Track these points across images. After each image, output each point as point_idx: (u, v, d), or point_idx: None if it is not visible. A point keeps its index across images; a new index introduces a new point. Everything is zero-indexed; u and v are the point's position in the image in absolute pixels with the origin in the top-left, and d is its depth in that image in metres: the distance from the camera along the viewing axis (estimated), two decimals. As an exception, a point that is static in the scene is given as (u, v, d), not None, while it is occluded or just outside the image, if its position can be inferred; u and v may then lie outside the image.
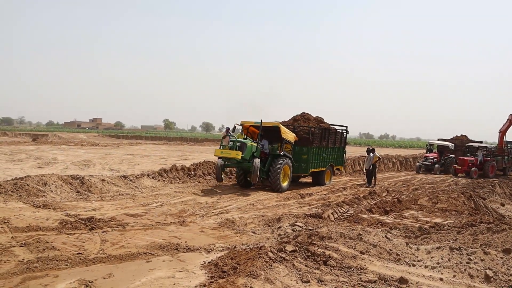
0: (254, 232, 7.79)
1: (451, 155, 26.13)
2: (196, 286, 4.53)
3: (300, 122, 17.87)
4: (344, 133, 19.50)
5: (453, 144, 27.13)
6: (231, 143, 14.43)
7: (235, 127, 15.59)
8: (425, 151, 29.52)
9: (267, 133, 15.76)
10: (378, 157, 18.56)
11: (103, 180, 12.67)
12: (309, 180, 18.30)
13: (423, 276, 4.65)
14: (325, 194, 14.34)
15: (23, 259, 5.59)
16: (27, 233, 6.97)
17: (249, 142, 14.60)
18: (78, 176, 12.55)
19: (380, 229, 7.76)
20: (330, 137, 17.95)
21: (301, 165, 16.49)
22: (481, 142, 27.86)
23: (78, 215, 8.63)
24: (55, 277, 4.94)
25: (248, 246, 6.18)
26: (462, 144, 28.09)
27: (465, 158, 24.23)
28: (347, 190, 15.71)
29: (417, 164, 26.54)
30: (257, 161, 13.84)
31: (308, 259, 4.89)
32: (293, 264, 4.65)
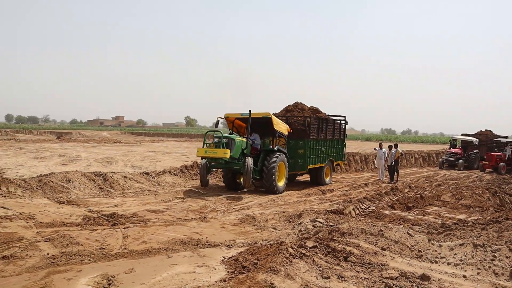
0: (274, 228, 7.78)
1: (475, 151, 25.52)
2: (216, 282, 4.55)
3: (294, 113, 15.87)
4: (343, 124, 17.65)
5: (477, 139, 26.47)
6: (216, 139, 12.49)
7: (218, 121, 13.41)
8: (448, 146, 28.93)
9: (256, 125, 13.84)
10: (401, 152, 18.29)
11: (125, 177, 12.85)
12: (306, 178, 16.94)
13: (446, 273, 4.55)
14: (346, 190, 14.21)
15: (47, 254, 5.71)
16: (51, 229, 7.12)
17: (237, 137, 12.76)
18: (100, 173, 12.76)
19: (402, 226, 7.64)
20: (328, 129, 16.09)
21: (298, 162, 14.68)
22: (506, 137, 27.16)
23: (101, 211, 8.77)
24: (78, 271, 5.03)
25: (269, 242, 6.18)
26: (486, 139, 27.43)
27: (492, 153, 23.66)
28: (368, 186, 15.52)
29: (440, 159, 26.02)
30: (249, 160, 11.89)
31: (328, 255, 4.85)
32: (314, 260, 4.62)
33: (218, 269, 5.08)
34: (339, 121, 17.27)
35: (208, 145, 12.55)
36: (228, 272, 4.86)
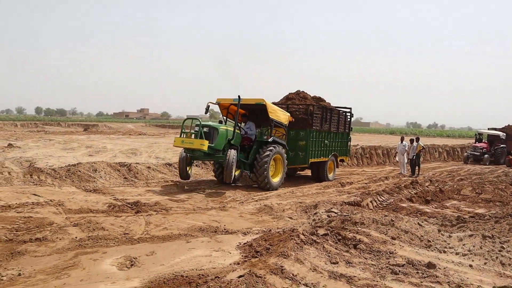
0: (290, 218, 8.02)
1: (502, 145, 25.00)
2: (230, 264, 4.83)
3: (295, 101, 14.61)
4: (348, 116, 16.34)
5: (504, 134, 25.90)
6: (196, 128, 11.05)
7: (208, 106, 11.82)
8: (473, 140, 28.45)
9: (253, 113, 12.74)
10: (422, 146, 18.19)
11: (148, 167, 13.28)
12: (308, 173, 15.79)
13: (452, 262, 4.70)
14: (366, 183, 14.28)
15: (75, 237, 6.10)
16: (79, 215, 7.54)
17: (222, 126, 11.28)
18: (125, 164, 13.23)
19: (417, 218, 7.76)
20: (333, 120, 14.79)
21: (298, 154, 13.43)
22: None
23: (125, 199, 9.17)
24: (103, 253, 5.40)
25: (282, 229, 6.41)
26: (514, 133, 26.81)
27: (520, 148, 23.17)
28: (389, 179, 15.53)
29: (465, 154, 25.64)
30: (231, 153, 10.59)
31: (338, 243, 5.06)
32: (324, 247, 4.84)
33: (233, 253, 5.37)
34: (344, 113, 16.04)
35: (185, 134, 11.16)
36: (242, 256, 5.14)
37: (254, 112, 12.53)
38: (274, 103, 13.70)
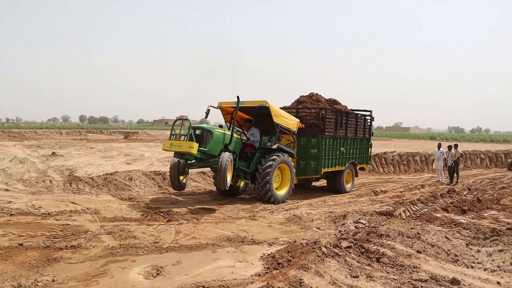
0: (318, 228, 8.01)
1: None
2: (251, 275, 4.92)
3: (307, 105, 13.46)
4: (368, 120, 14.93)
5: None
6: (191, 130, 9.70)
7: (209, 110, 10.91)
8: (519, 146, 27.25)
9: (261, 120, 11.66)
10: (461, 153, 17.64)
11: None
12: (323, 183, 14.77)
13: (479, 278, 4.58)
14: (400, 192, 14.01)
15: (108, 245, 6.37)
16: (113, 223, 7.85)
17: (218, 129, 10.11)
18: (160, 172, 13.61)
19: (449, 229, 7.56)
20: (349, 125, 13.56)
21: (310, 163, 12.26)
22: None
23: (158, 208, 9.44)
24: (132, 261, 5.62)
25: (307, 240, 6.43)
26: None
27: None
28: (425, 187, 15.17)
29: (509, 160, 24.58)
30: (225, 155, 9.39)
31: (361, 256, 5.04)
32: (345, 260, 4.83)
33: (256, 264, 5.45)
34: (363, 116, 14.63)
35: (174, 136, 9.96)
36: (264, 267, 5.22)
37: (261, 118, 11.42)
38: (283, 108, 12.79)
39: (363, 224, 7.57)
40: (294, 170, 11.47)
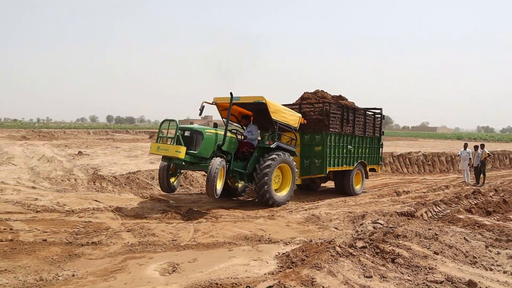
0: (336, 228, 7.98)
1: None
2: (264, 274, 4.96)
3: (312, 101, 12.90)
4: (378, 118, 14.06)
5: None
6: (180, 132, 9.04)
7: (203, 107, 10.13)
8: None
9: (260, 114, 10.85)
10: (488, 153, 17.20)
11: (204, 175, 13.70)
12: (329, 185, 14.07)
13: (497, 281, 4.48)
14: (424, 192, 13.79)
15: (127, 242, 6.52)
16: (134, 221, 8.01)
17: (209, 129, 9.34)
18: (181, 171, 13.77)
19: (470, 231, 7.41)
20: (357, 122, 12.85)
21: (314, 162, 11.63)
22: None
23: (179, 206, 9.59)
24: (150, 258, 5.74)
25: (322, 240, 6.42)
26: None
27: None
28: (449, 188, 14.88)
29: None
30: (216, 161, 8.67)
31: (376, 256, 5.00)
32: (359, 260, 4.81)
33: (270, 263, 5.48)
34: (372, 114, 13.82)
35: (161, 139, 9.31)
36: (278, 266, 5.25)
37: (262, 114, 10.50)
38: (286, 105, 11.97)
39: (381, 224, 7.48)
40: (296, 170, 10.74)
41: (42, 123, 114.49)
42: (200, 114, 10.07)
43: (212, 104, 10.72)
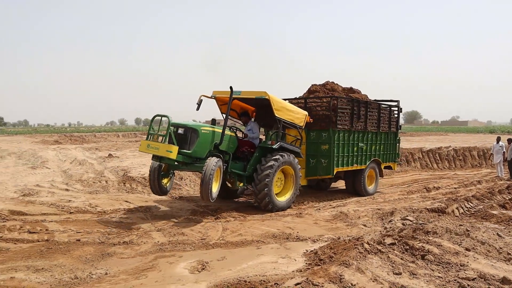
0: (364, 225, 7.91)
1: None
2: (292, 271, 4.98)
3: (320, 95, 11.78)
4: (395, 112, 13.03)
5: None
6: (173, 129, 8.34)
7: (201, 101, 9.27)
8: None
9: (264, 111, 9.96)
10: (523, 147, 16.64)
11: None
12: (339, 185, 13.41)
13: (533, 277, 4.35)
14: (455, 188, 13.47)
15: (157, 241, 6.66)
16: (163, 221, 8.16)
17: (205, 127, 8.64)
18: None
19: (505, 227, 7.21)
20: (370, 116, 11.78)
21: (320, 162, 10.78)
22: None
23: (207, 206, 9.70)
24: (179, 257, 5.85)
25: (350, 237, 6.38)
26: None
27: None
28: (482, 183, 14.48)
29: None
30: (211, 161, 7.89)
31: (405, 253, 4.94)
32: (388, 257, 4.76)
33: (298, 260, 5.50)
34: (387, 107, 12.76)
35: (152, 136, 8.44)
36: (306, 263, 5.26)
37: (266, 110, 9.56)
38: (291, 99, 11.50)
39: (411, 221, 7.38)
40: (301, 174, 9.96)
41: (73, 128, 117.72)
42: (198, 108, 9.32)
43: (211, 98, 9.90)
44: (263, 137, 10.64)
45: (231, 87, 8.79)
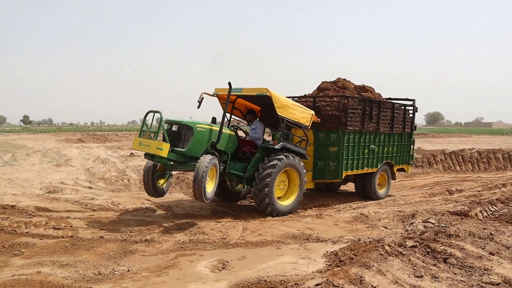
0: (385, 227, 7.84)
1: None
2: (312, 272, 4.99)
3: (330, 93, 11.16)
4: (410, 112, 12.37)
5: None
6: (166, 125, 8.11)
7: (202, 99, 9.08)
8: None
9: (267, 110, 9.48)
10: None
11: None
12: (348, 187, 12.91)
13: (560, 283, 4.25)
14: (478, 191, 13.21)
15: (179, 240, 6.74)
16: (184, 219, 8.25)
17: (201, 124, 8.17)
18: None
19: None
20: (383, 117, 11.12)
21: (328, 165, 10.17)
22: None
23: (228, 205, 9.77)
24: (200, 255, 5.92)
25: (370, 239, 6.35)
26: None
27: None
28: (507, 186, 14.14)
29: None
30: (204, 159, 7.38)
31: (427, 256, 4.89)
32: (409, 259, 4.73)
33: (318, 261, 5.50)
34: (402, 107, 12.12)
35: (144, 132, 8.09)
36: (326, 264, 5.26)
37: (271, 109, 9.00)
38: (300, 97, 11.11)
39: (432, 223, 7.29)
40: (305, 178, 9.42)
41: (96, 126, 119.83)
42: (199, 106, 9.04)
43: (213, 95, 9.46)
44: (269, 138, 10.28)
45: (229, 83, 8.39)
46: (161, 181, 8.65)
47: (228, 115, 9.85)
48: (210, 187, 7.71)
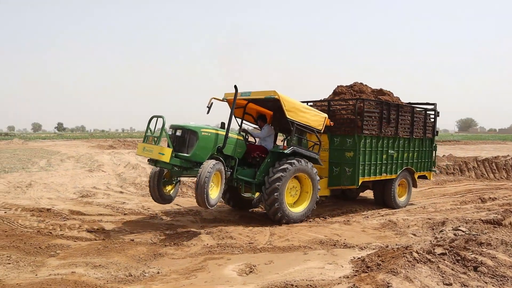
0: (414, 235, 7.74)
1: None
2: (339, 277, 4.99)
3: (346, 97, 10.82)
4: (431, 116, 11.95)
5: None
6: (170, 130, 8.06)
7: (211, 104, 8.84)
8: None
9: (280, 114, 9.23)
10: None
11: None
12: (367, 195, 12.44)
13: None
14: (513, 199, 12.81)
15: (207, 244, 6.86)
16: (212, 224, 8.39)
17: (206, 129, 7.94)
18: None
19: None
20: (401, 121, 10.69)
21: (344, 171, 9.81)
22: None
23: (256, 211, 9.86)
24: (228, 259, 6.01)
25: (398, 246, 6.28)
26: None
27: None
28: (543, 195, 13.67)
29: None
30: (207, 166, 7.16)
31: (456, 263, 4.81)
32: (438, 267, 4.66)
33: (345, 267, 5.49)
34: (422, 111, 11.66)
35: (147, 138, 7.87)
36: (353, 270, 5.24)
37: (278, 111, 8.90)
38: (315, 102, 10.78)
39: (463, 231, 7.14)
40: (319, 185, 9.09)
41: (126, 133, 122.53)
42: (208, 112, 8.81)
43: (222, 100, 9.22)
44: (281, 144, 10.11)
45: (235, 86, 8.21)
46: (169, 188, 8.50)
47: (239, 120, 9.81)
48: (215, 194, 7.52)
